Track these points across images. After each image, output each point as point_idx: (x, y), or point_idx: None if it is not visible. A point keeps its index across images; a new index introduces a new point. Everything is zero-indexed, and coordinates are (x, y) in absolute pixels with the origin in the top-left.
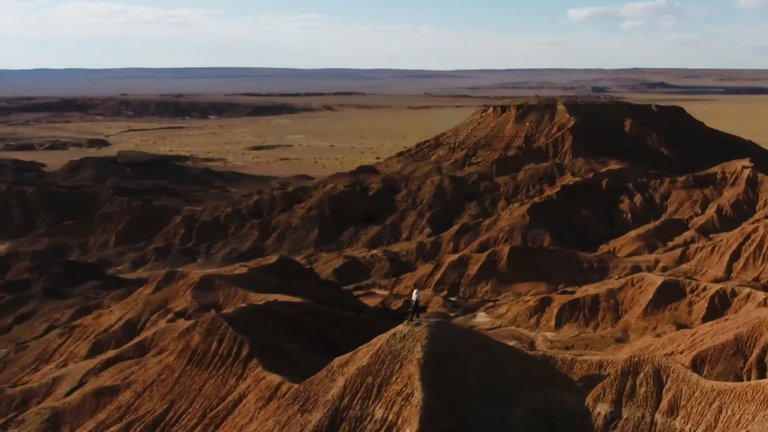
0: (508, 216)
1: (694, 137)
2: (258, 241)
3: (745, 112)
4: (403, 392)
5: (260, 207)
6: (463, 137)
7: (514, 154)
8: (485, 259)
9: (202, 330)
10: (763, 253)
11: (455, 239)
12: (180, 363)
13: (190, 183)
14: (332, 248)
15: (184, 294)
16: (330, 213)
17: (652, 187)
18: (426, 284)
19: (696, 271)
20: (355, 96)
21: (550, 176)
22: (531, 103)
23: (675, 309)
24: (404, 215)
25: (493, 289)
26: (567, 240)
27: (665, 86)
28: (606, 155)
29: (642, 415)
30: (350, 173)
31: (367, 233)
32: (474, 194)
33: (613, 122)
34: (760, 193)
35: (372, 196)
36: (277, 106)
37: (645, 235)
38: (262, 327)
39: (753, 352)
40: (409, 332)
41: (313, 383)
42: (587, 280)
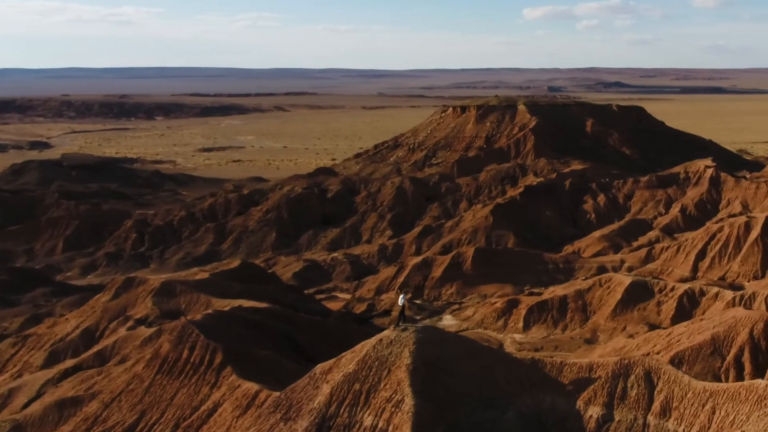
0: (471, 217)
1: (655, 137)
2: (213, 245)
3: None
4: (393, 399)
5: (215, 210)
6: (422, 138)
7: (475, 155)
8: (450, 261)
9: (171, 338)
10: (729, 253)
11: (417, 241)
12: (149, 372)
13: (139, 186)
14: (291, 252)
15: (144, 300)
16: (288, 216)
17: (615, 187)
18: (389, 287)
19: (662, 270)
20: (307, 96)
21: (513, 177)
22: (491, 104)
23: (644, 309)
24: (364, 217)
25: (458, 291)
26: (531, 241)
27: (621, 86)
28: (568, 155)
29: (634, 417)
30: (308, 175)
31: (327, 236)
32: (435, 195)
33: (574, 122)
34: (723, 193)
35: (331, 198)
36: (226, 107)
37: (609, 235)
38: (230, 334)
39: (730, 351)
40: (396, 338)
41: (295, 391)
42: (553, 281)
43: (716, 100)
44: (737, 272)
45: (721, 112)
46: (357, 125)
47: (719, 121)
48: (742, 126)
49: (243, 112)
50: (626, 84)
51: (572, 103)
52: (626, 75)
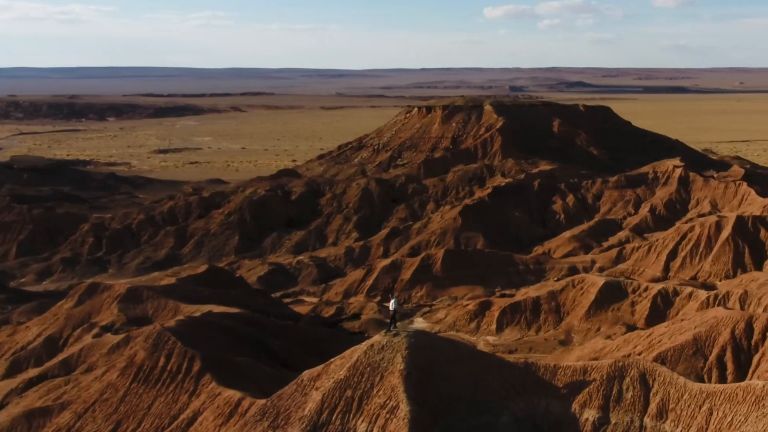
0: (440, 219)
1: (622, 137)
2: (174, 249)
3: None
4: (387, 405)
5: (175, 213)
6: (387, 138)
7: (441, 156)
8: (419, 264)
9: (147, 345)
10: (700, 252)
11: (385, 243)
12: (124, 381)
13: (93, 189)
14: (255, 255)
15: (110, 307)
16: (251, 218)
17: (584, 188)
18: (357, 290)
19: (633, 270)
20: (263, 96)
21: (480, 177)
22: (457, 104)
23: (617, 309)
24: (329, 219)
25: (428, 293)
26: (500, 242)
27: (584, 85)
28: (535, 156)
29: (631, 419)
30: (270, 177)
31: (291, 239)
32: (402, 197)
33: (541, 122)
34: (692, 193)
35: (295, 201)
36: (180, 107)
37: (579, 235)
38: (205, 340)
39: (712, 351)
40: (388, 343)
41: (281, 398)
42: (524, 282)
43: (679, 100)
44: (709, 272)
45: (684, 111)
46: (316, 126)
47: (683, 120)
48: (706, 125)
49: (198, 113)
50: (588, 84)
51: (539, 103)
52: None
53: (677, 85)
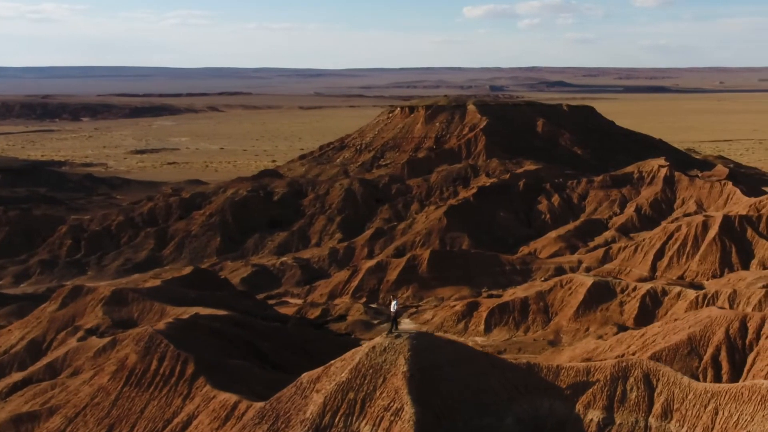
0: (425, 219)
1: (606, 136)
2: (154, 251)
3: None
4: (391, 407)
5: (155, 214)
6: (369, 139)
7: (425, 156)
8: (405, 264)
9: (138, 348)
10: (687, 252)
11: (370, 244)
12: (116, 384)
13: (70, 190)
14: (237, 256)
15: (94, 310)
16: (233, 219)
17: (569, 188)
18: (343, 291)
19: (620, 270)
20: (241, 96)
21: (464, 178)
22: (440, 104)
23: (606, 310)
24: (313, 220)
25: (415, 294)
26: (486, 242)
27: (564, 85)
28: (520, 156)
29: (635, 420)
30: (252, 177)
31: (274, 240)
32: (385, 197)
33: (525, 122)
34: (677, 192)
35: (277, 201)
36: (156, 107)
37: (565, 235)
38: (196, 343)
39: (707, 351)
40: (390, 345)
41: (281, 401)
42: (510, 282)
43: (660, 99)
44: (696, 271)
45: (665, 111)
46: (296, 126)
47: (664, 120)
48: (688, 125)
49: (175, 113)
50: (569, 83)
51: (522, 103)
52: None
53: (658, 84)
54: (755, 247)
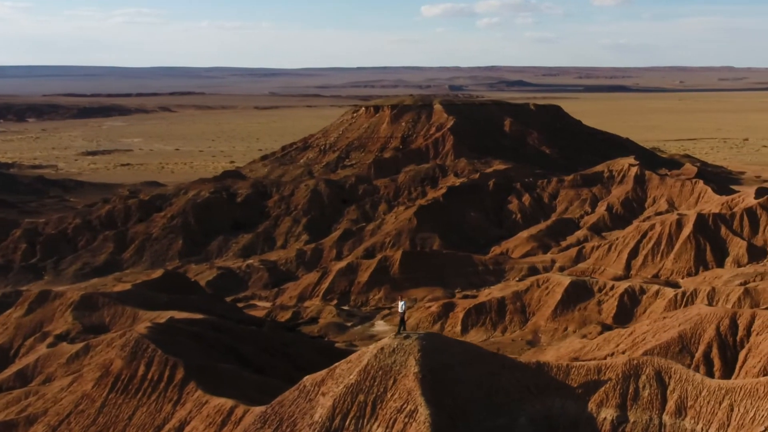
0: (394, 220)
1: (573, 136)
2: (113, 254)
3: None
4: (405, 408)
5: (113, 217)
6: (334, 139)
7: (391, 156)
8: (376, 265)
9: (124, 354)
10: (662, 250)
11: (338, 245)
12: (100, 391)
13: (21, 193)
14: (200, 259)
15: (63, 315)
16: (195, 221)
17: (539, 187)
18: (313, 293)
19: (594, 269)
20: (194, 96)
21: (432, 178)
22: (406, 103)
23: (584, 309)
24: (278, 222)
25: (387, 295)
26: (457, 243)
27: (524, 84)
28: (488, 155)
29: (649, 417)
30: (214, 178)
31: (238, 242)
32: (352, 198)
33: (492, 122)
34: (648, 191)
35: (241, 203)
36: (106, 108)
37: (537, 235)
38: (179, 347)
39: (699, 348)
40: (399, 346)
41: (283, 405)
42: (483, 283)
43: (621, 99)
44: (671, 269)
45: (627, 110)
46: (252, 126)
47: (627, 119)
48: (651, 124)
49: (125, 113)
50: (529, 83)
51: (489, 103)
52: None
53: (618, 84)
54: (729, 244)
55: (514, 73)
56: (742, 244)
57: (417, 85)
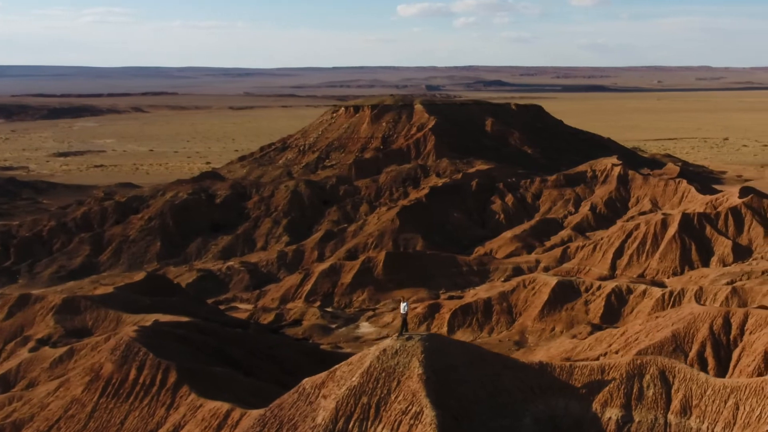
0: (376, 220)
1: (554, 136)
2: (90, 257)
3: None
4: (410, 410)
5: (89, 219)
6: (313, 139)
7: (372, 156)
8: (360, 267)
9: (114, 357)
10: (647, 250)
11: (320, 247)
12: (91, 395)
13: None
14: (179, 261)
15: (45, 319)
16: (173, 223)
17: (522, 187)
18: (295, 295)
19: (579, 269)
20: (166, 96)
21: (414, 178)
22: (386, 103)
23: (571, 309)
24: (258, 223)
25: (371, 297)
26: (440, 243)
27: (502, 84)
28: (470, 155)
29: (654, 417)
30: (192, 180)
31: (218, 244)
32: (333, 199)
33: (473, 122)
34: (631, 191)
35: (220, 204)
36: (77, 108)
37: (521, 235)
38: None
39: (692, 348)
40: (401, 347)
41: (282, 408)
42: (468, 283)
43: (599, 98)
44: (656, 269)
45: (606, 110)
46: (227, 126)
47: (606, 119)
48: (630, 124)
49: (97, 114)
50: (506, 82)
51: (470, 102)
52: (506, 73)
53: (596, 84)
54: (714, 244)
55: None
56: (727, 244)
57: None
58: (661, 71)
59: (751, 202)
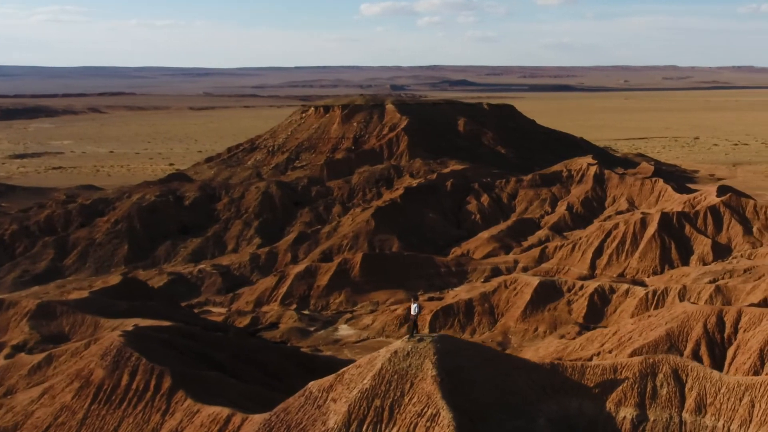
0: (351, 222)
1: (527, 135)
2: (55, 261)
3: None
4: (425, 413)
5: (53, 222)
6: (282, 140)
7: (344, 157)
8: (336, 269)
9: (105, 363)
10: (626, 249)
11: (293, 249)
12: (81, 402)
13: None
14: (148, 265)
15: (19, 324)
16: (141, 226)
17: (498, 187)
18: (270, 298)
19: (558, 269)
20: (124, 96)
21: (387, 179)
22: (357, 103)
23: (554, 309)
24: (228, 225)
25: (348, 299)
26: (416, 244)
27: (467, 84)
28: (443, 155)
29: (669, 416)
30: (159, 181)
31: (187, 246)
32: (305, 200)
33: (446, 121)
34: (608, 190)
35: (189, 206)
36: (31, 109)
37: (498, 235)
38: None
39: (687, 346)
40: (413, 349)
41: (289, 412)
42: (446, 284)
43: (566, 98)
44: (636, 268)
45: (574, 109)
46: (189, 127)
47: (575, 118)
48: (599, 124)
49: (52, 115)
50: (472, 82)
51: (442, 102)
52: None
53: (563, 83)
54: (694, 243)
55: (456, 72)
56: (707, 242)
57: (357, 85)
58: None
59: (730, 201)
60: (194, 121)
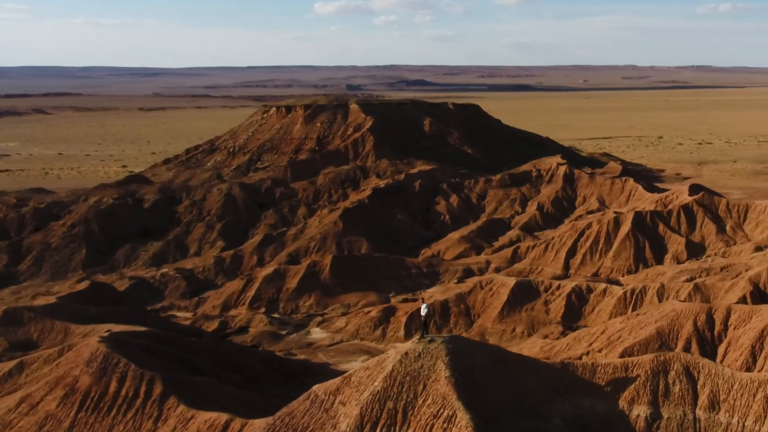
0: (318, 223)
1: (493, 135)
2: (9, 267)
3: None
4: (441, 414)
5: (5, 226)
6: (243, 140)
7: (308, 157)
8: (305, 271)
9: (91, 370)
10: (600, 249)
11: (259, 251)
12: (67, 411)
13: None
14: (107, 269)
15: None
16: (99, 229)
17: (467, 187)
18: (238, 302)
19: (531, 269)
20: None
21: (353, 180)
22: (320, 103)
23: (531, 309)
24: (190, 228)
25: (318, 302)
26: (385, 245)
27: (425, 84)
28: (409, 156)
29: (683, 413)
30: (117, 184)
31: (148, 250)
32: (269, 202)
33: (411, 121)
34: (578, 189)
35: (148, 209)
36: None
37: (468, 236)
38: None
39: (678, 344)
40: (424, 350)
41: (294, 416)
42: (418, 286)
43: (526, 98)
44: (610, 267)
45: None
46: (140, 128)
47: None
48: (561, 123)
49: None
50: (430, 82)
51: (407, 102)
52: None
53: (521, 83)
54: (668, 241)
55: (414, 72)
56: (681, 241)
57: (312, 85)
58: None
59: (702, 200)
60: (145, 122)
